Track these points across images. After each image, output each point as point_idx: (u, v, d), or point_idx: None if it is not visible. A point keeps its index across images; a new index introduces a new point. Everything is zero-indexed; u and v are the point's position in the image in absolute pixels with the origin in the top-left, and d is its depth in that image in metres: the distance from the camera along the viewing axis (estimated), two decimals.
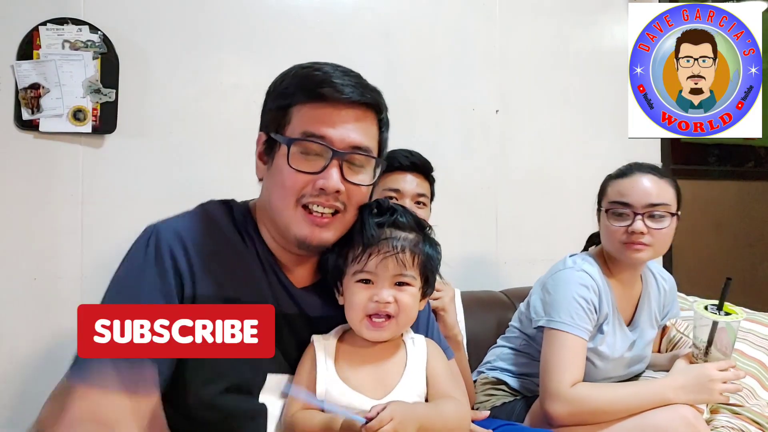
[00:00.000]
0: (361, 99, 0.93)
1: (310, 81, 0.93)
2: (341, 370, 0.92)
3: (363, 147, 0.94)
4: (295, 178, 0.91)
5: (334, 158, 0.91)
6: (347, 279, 0.95)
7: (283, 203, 0.92)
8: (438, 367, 0.98)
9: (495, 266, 2.18)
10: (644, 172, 1.42)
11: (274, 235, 0.98)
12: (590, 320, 1.38)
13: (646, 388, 1.32)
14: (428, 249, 0.97)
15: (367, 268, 0.92)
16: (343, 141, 0.91)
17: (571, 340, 1.35)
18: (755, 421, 1.50)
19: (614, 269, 1.48)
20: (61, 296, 1.65)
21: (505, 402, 1.51)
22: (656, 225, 1.38)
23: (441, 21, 2.12)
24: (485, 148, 2.17)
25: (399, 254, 0.92)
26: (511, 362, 1.58)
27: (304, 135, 0.91)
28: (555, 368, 1.33)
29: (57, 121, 1.64)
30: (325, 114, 0.92)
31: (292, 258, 0.99)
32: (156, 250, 0.90)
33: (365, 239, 0.92)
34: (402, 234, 0.95)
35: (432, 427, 0.88)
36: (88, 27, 1.67)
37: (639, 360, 1.53)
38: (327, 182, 0.90)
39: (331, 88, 0.91)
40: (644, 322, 1.52)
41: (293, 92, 0.93)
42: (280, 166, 0.92)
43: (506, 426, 1.28)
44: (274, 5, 1.91)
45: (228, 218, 0.98)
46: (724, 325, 1.33)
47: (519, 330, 1.60)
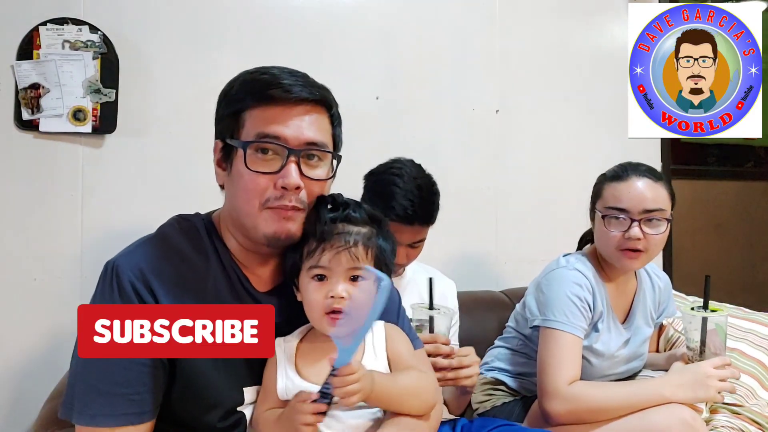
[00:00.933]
0: (310, 96, 0.95)
1: (258, 84, 0.95)
2: (303, 369, 0.94)
3: (318, 143, 0.96)
4: (256, 180, 0.93)
5: (290, 156, 0.93)
6: (303, 275, 0.95)
7: (248, 206, 0.94)
8: (399, 348, 0.99)
9: (495, 266, 2.18)
10: (640, 175, 1.41)
11: (241, 240, 1.00)
12: (585, 318, 1.39)
13: (644, 387, 1.32)
14: (381, 242, 0.98)
15: (321, 262, 0.93)
16: (297, 138, 0.94)
17: (566, 339, 1.35)
18: (755, 420, 1.50)
19: (608, 269, 1.49)
20: (61, 296, 1.65)
21: (505, 402, 1.51)
22: (652, 231, 1.38)
23: (441, 21, 2.12)
24: (485, 148, 2.17)
25: (352, 248, 0.93)
26: (508, 362, 1.59)
27: (258, 137, 0.93)
28: (552, 367, 1.34)
29: (57, 121, 1.64)
30: (277, 114, 0.94)
31: (256, 259, 1.01)
32: (119, 287, 0.91)
33: (318, 234, 0.94)
34: (355, 228, 0.96)
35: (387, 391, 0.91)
36: (88, 27, 1.67)
37: (635, 357, 1.53)
38: (286, 179, 0.92)
39: (280, 88, 0.93)
40: (639, 319, 1.53)
41: (243, 97, 0.96)
42: (239, 171, 0.94)
43: (505, 426, 1.28)
44: (274, 5, 1.91)
45: (187, 237, 1.00)
46: (713, 326, 1.33)
47: (515, 330, 1.61)
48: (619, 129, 1.99)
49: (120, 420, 0.87)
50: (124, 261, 0.94)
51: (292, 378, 0.93)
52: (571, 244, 1.67)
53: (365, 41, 2.01)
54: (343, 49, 1.97)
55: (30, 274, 1.64)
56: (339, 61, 1.97)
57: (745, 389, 1.59)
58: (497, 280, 2.14)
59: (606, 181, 1.47)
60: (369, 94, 2.01)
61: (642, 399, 1.28)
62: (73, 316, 1.70)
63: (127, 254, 0.97)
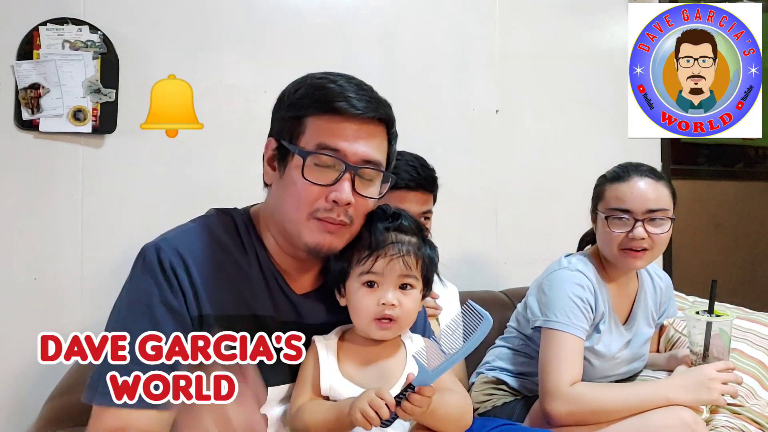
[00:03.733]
0: (375, 115, 0.95)
1: (325, 94, 0.94)
2: (344, 368, 0.95)
3: (374, 161, 0.96)
4: (309, 190, 0.93)
5: (346, 171, 0.92)
6: (351, 281, 0.97)
7: (296, 214, 0.94)
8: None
9: (495, 266, 2.18)
10: (641, 176, 1.41)
11: (280, 242, 1.00)
12: (587, 319, 1.39)
13: (646, 388, 1.32)
14: (429, 252, 1.01)
15: (374, 269, 0.95)
16: (355, 155, 0.94)
17: (568, 340, 1.35)
18: (755, 421, 1.50)
19: (609, 269, 1.48)
20: (61, 296, 1.65)
21: (506, 402, 1.51)
22: (656, 230, 1.38)
23: (441, 21, 2.12)
24: (485, 148, 2.17)
25: (404, 257, 0.95)
26: (509, 362, 1.59)
27: (318, 147, 0.93)
28: (553, 368, 1.33)
29: (57, 121, 1.64)
30: (340, 128, 0.93)
31: (295, 264, 1.01)
32: (159, 264, 0.91)
33: (373, 242, 0.96)
34: (406, 238, 0.98)
35: (437, 411, 0.92)
36: (88, 27, 1.67)
37: (636, 358, 1.53)
38: (339, 195, 0.92)
39: (346, 102, 0.93)
40: (640, 320, 1.53)
41: (308, 104, 0.95)
42: (293, 177, 0.94)
43: (506, 426, 1.28)
44: (274, 5, 1.91)
45: (229, 231, 1.00)
46: (717, 331, 1.33)
47: (516, 330, 1.61)
48: (619, 129, 1.99)
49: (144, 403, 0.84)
50: (164, 244, 0.93)
51: (336, 375, 0.94)
52: (571, 244, 1.67)
53: (365, 41, 2.01)
54: (343, 49, 1.97)
55: (30, 274, 1.64)
56: (339, 61, 1.97)
57: (745, 389, 1.59)
58: (497, 280, 2.14)
59: (607, 182, 1.46)
60: None
61: (645, 400, 1.27)
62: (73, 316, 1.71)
63: (169, 239, 0.95)
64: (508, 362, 1.59)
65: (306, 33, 1.92)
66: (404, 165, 1.44)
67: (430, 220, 1.53)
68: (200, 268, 0.93)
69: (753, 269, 3.40)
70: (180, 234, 0.97)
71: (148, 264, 0.91)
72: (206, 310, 0.92)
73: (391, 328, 0.96)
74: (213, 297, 0.93)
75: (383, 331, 0.96)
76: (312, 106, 0.95)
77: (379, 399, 0.84)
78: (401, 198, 1.43)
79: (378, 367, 0.97)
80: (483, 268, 2.16)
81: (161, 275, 0.90)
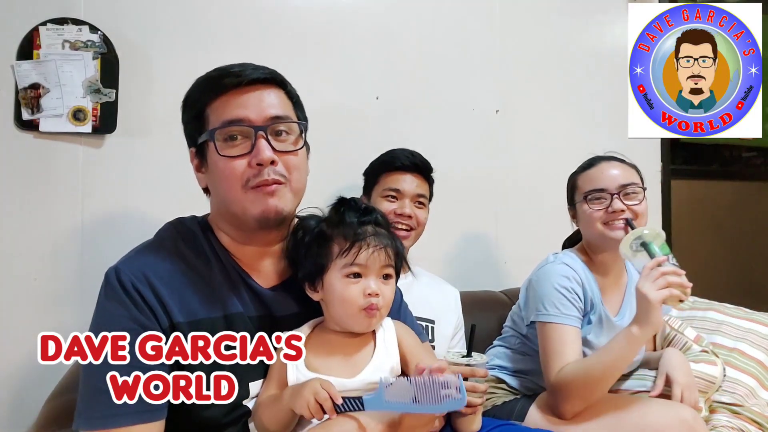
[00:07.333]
0: (261, 75, 0.99)
1: (211, 80, 1.00)
2: (310, 360, 0.96)
3: (281, 116, 1.00)
4: (232, 165, 0.96)
5: (257, 133, 0.96)
6: (332, 274, 0.98)
7: (232, 192, 0.97)
8: (411, 343, 1.02)
9: (495, 266, 2.18)
10: (607, 160, 1.52)
11: (234, 234, 1.02)
12: (577, 308, 1.42)
13: (612, 342, 1.31)
14: (398, 244, 1.04)
15: (358, 261, 0.96)
16: (260, 116, 0.97)
17: (560, 330, 1.38)
18: (755, 420, 1.50)
19: (596, 259, 1.52)
20: (61, 296, 1.65)
21: (506, 401, 1.52)
22: (632, 202, 1.45)
23: (441, 21, 2.12)
24: (485, 148, 2.18)
25: (386, 248, 0.99)
26: (507, 360, 1.61)
27: (223, 124, 0.97)
28: (551, 359, 1.37)
29: (57, 121, 1.64)
30: (236, 100, 0.98)
31: (255, 253, 1.03)
32: (121, 286, 0.92)
33: (355, 235, 0.98)
34: (382, 230, 1.02)
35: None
36: (88, 27, 1.67)
37: None
38: (260, 155, 0.95)
39: (232, 76, 0.98)
40: (632, 312, 1.53)
41: (200, 96, 1.01)
42: (214, 162, 0.98)
43: (506, 426, 1.29)
44: (274, 5, 1.91)
45: (186, 239, 1.01)
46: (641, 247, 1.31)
47: (513, 329, 1.63)
48: (619, 129, 1.99)
49: (133, 419, 0.86)
50: (125, 266, 0.95)
51: (301, 369, 0.95)
52: None
53: (365, 41, 2.01)
54: (343, 48, 1.97)
55: (30, 274, 1.64)
56: (339, 61, 1.97)
57: (745, 389, 1.59)
58: (497, 280, 2.14)
59: (577, 174, 1.57)
60: (369, 94, 2.01)
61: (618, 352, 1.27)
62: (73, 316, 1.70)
63: (127, 260, 0.97)
64: (506, 360, 1.61)
65: (306, 33, 1.92)
66: (400, 152, 1.59)
67: (424, 207, 1.60)
68: (163, 281, 0.94)
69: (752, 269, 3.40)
70: (137, 253, 0.99)
71: (111, 288, 0.93)
72: (177, 318, 0.93)
73: (376, 317, 0.98)
74: (182, 305, 0.94)
75: (370, 319, 0.97)
76: (204, 96, 1.00)
77: (324, 392, 0.86)
78: (397, 179, 1.55)
79: (346, 354, 0.98)
80: (483, 268, 2.16)
81: (125, 296, 0.91)
